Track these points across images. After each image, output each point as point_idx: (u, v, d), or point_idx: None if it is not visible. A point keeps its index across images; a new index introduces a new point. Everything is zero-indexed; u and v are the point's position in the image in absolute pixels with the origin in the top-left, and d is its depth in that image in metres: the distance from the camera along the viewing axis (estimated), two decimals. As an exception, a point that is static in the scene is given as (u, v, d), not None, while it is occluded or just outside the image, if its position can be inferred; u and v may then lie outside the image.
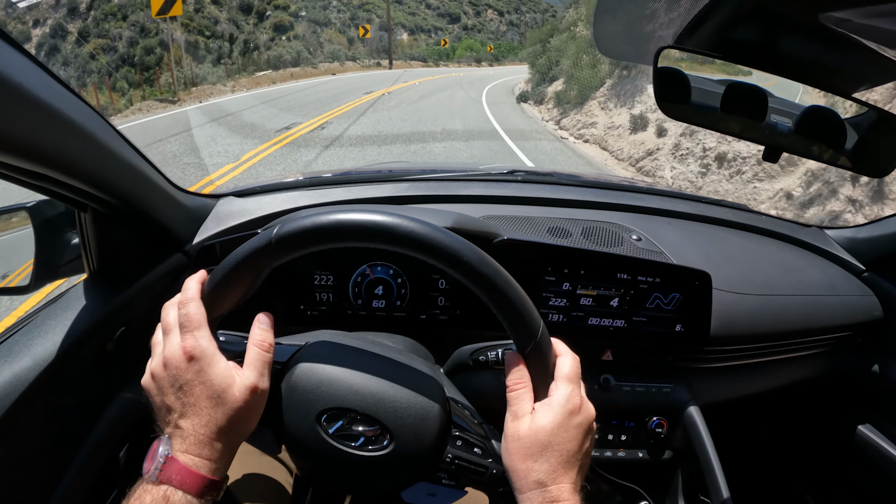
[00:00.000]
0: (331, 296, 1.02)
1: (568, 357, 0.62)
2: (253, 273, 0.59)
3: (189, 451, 0.53)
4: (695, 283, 1.02)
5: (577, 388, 0.61)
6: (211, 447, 0.54)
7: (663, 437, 1.06)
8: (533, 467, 0.56)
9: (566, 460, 0.57)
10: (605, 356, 1.07)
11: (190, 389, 0.55)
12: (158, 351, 0.59)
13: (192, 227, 1.05)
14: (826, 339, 1.20)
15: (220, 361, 0.56)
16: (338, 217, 0.56)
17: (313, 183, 1.29)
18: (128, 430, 0.90)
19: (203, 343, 0.56)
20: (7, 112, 0.55)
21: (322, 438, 0.60)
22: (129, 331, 0.91)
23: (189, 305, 0.58)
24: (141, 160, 0.85)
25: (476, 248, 0.58)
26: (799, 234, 1.36)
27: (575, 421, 0.58)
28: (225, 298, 0.60)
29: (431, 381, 0.65)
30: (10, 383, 0.71)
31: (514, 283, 0.59)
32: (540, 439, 0.57)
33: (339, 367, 0.62)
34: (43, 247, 0.93)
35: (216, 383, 0.55)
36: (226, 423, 0.55)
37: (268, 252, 0.57)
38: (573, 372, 0.61)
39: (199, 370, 0.55)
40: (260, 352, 0.59)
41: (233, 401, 0.55)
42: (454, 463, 0.62)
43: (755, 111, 0.85)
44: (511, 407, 0.60)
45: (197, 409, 0.55)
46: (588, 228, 1.15)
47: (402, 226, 0.56)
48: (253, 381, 0.57)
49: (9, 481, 0.72)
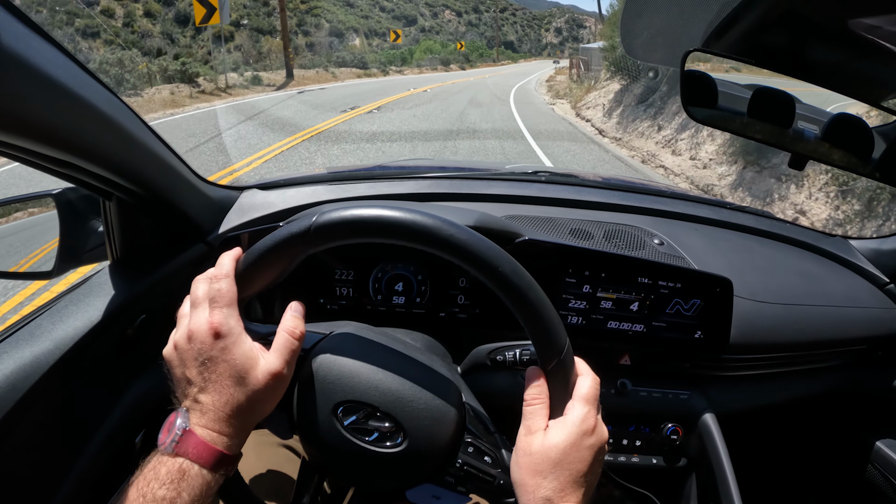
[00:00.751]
0: (351, 290, 1.03)
1: (588, 378, 0.62)
2: (287, 258, 0.59)
3: (207, 425, 0.54)
4: (716, 290, 1.00)
5: (593, 409, 0.60)
6: (228, 424, 0.55)
7: (678, 444, 1.05)
8: (542, 484, 0.56)
9: (575, 480, 0.57)
10: (623, 360, 1.06)
11: (213, 365, 0.55)
12: (184, 323, 0.59)
13: (216, 218, 1.06)
14: (846, 351, 1.18)
15: (245, 341, 0.57)
16: (378, 213, 0.56)
17: (336, 178, 1.29)
18: (144, 417, 0.91)
19: (231, 321, 0.57)
20: (35, 101, 0.57)
21: (336, 430, 0.60)
22: (149, 318, 0.92)
23: (222, 282, 0.59)
24: (166, 150, 0.86)
25: (511, 259, 0.58)
26: (822, 243, 1.34)
27: (588, 442, 0.58)
28: (257, 279, 0.60)
29: (451, 384, 0.65)
30: (30, 365, 0.72)
31: (545, 297, 0.58)
32: (551, 457, 0.56)
33: (361, 360, 0.62)
34: (67, 233, 0.95)
35: (240, 363, 0.55)
36: (245, 402, 0.55)
37: (305, 238, 0.57)
38: (591, 393, 0.61)
39: (225, 347, 0.55)
40: (289, 339, 0.59)
41: (255, 382, 0.55)
42: (463, 469, 0.62)
43: (782, 117, 0.84)
44: (525, 421, 0.60)
45: (218, 386, 0.55)
46: (610, 231, 1.15)
47: (442, 229, 0.56)
48: (277, 366, 0.57)
49: (25, 461, 0.73)
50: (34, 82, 0.56)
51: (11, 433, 0.70)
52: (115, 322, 0.85)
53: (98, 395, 0.86)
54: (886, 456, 1.22)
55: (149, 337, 0.93)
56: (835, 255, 1.31)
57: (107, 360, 0.86)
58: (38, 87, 0.56)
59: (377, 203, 0.58)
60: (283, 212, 1.11)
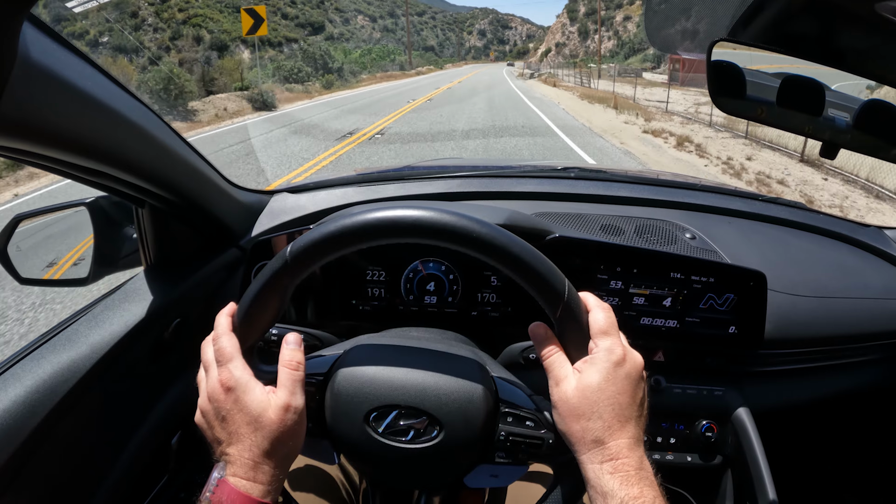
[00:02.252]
0: (383, 291, 1.03)
1: (599, 310, 0.61)
2: (278, 294, 0.60)
3: (237, 474, 0.55)
4: (749, 284, 0.99)
5: (616, 338, 0.59)
6: (258, 469, 0.56)
7: (713, 441, 1.03)
8: (587, 427, 0.55)
9: (619, 413, 0.55)
10: (657, 357, 1.05)
11: (231, 418, 0.57)
12: (203, 388, 0.62)
13: (247, 223, 1.07)
14: (885, 344, 1.15)
15: (254, 388, 0.58)
16: (342, 223, 0.57)
17: (366, 179, 1.31)
18: (180, 419, 0.93)
19: (237, 373, 0.58)
20: (66, 113, 0.58)
21: (373, 438, 0.60)
22: (184, 322, 0.93)
23: (221, 340, 0.60)
24: (197, 158, 0.88)
25: (487, 222, 0.57)
26: (857, 234, 1.31)
27: (622, 372, 0.57)
28: (256, 324, 0.61)
29: (472, 363, 0.65)
30: (68, 369, 0.74)
31: (531, 249, 0.58)
32: (588, 397, 0.55)
33: (377, 366, 0.63)
34: (102, 240, 0.97)
35: (252, 409, 0.57)
36: (268, 445, 0.56)
37: (286, 271, 0.58)
38: (608, 323, 0.60)
39: (236, 399, 0.57)
40: (290, 371, 0.60)
41: (269, 423, 0.57)
42: (508, 440, 0.61)
43: (812, 105, 0.82)
44: (550, 374, 0.59)
45: (239, 436, 0.57)
46: (641, 226, 1.14)
47: (406, 217, 0.57)
48: (285, 400, 0.58)
49: (66, 462, 0.75)
50: (65, 95, 0.57)
51: (51, 436, 0.71)
52: (151, 326, 0.87)
53: (135, 398, 0.87)
54: None
55: (184, 341, 0.94)
56: (870, 246, 1.28)
57: (143, 363, 0.88)
58: (68, 100, 0.58)
59: (340, 214, 0.59)
60: (314, 214, 1.12)
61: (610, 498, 0.52)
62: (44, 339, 0.79)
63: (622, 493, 0.52)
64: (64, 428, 0.74)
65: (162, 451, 0.92)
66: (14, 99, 0.49)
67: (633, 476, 0.53)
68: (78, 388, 0.74)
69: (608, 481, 0.53)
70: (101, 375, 0.78)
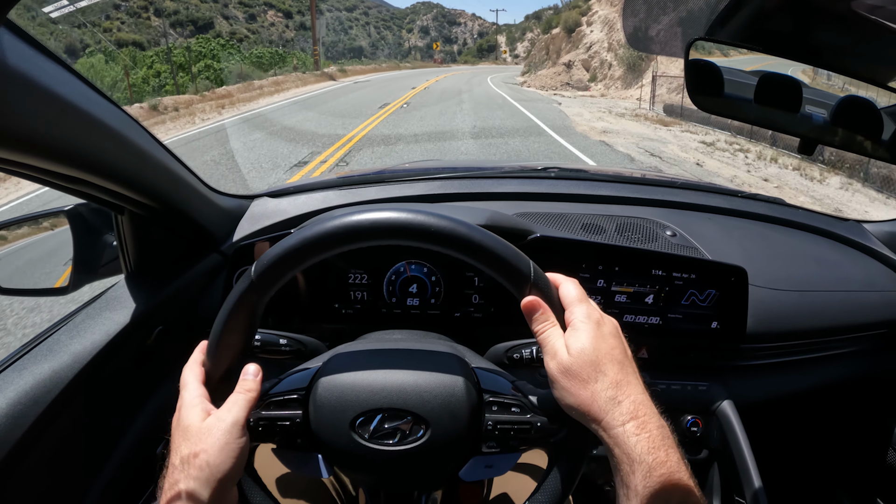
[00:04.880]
0: (365, 294, 1.03)
1: (567, 282, 0.62)
2: (246, 315, 0.60)
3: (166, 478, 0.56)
4: (731, 280, 1.00)
5: (589, 304, 0.60)
6: (173, 476, 0.56)
7: (699, 435, 1.05)
8: (596, 389, 0.54)
9: (621, 368, 0.56)
10: (641, 354, 1.06)
11: (173, 434, 0.59)
12: None
13: (228, 228, 1.07)
14: (865, 336, 1.17)
15: (196, 406, 0.59)
16: (303, 236, 0.57)
17: (346, 182, 1.30)
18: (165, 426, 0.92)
19: (186, 397, 0.60)
20: (43, 119, 0.57)
21: (361, 445, 0.60)
22: (167, 329, 0.92)
23: (185, 368, 0.62)
24: (176, 163, 0.87)
25: (443, 214, 0.58)
26: (836, 228, 1.33)
27: (606, 330, 0.58)
28: (228, 351, 0.61)
29: (450, 357, 0.65)
30: (50, 379, 0.73)
31: (491, 234, 0.58)
32: (588, 359, 0.55)
33: (356, 372, 0.62)
34: (81, 249, 0.95)
35: (186, 421, 0.58)
36: (186, 451, 0.56)
37: (253, 289, 0.58)
38: (578, 292, 0.61)
39: (179, 418, 0.59)
40: (236, 394, 0.60)
41: (195, 432, 0.57)
42: (497, 429, 0.61)
43: (790, 102, 0.83)
44: (545, 348, 0.59)
45: (175, 449, 0.57)
46: (622, 224, 1.14)
47: (365, 220, 0.57)
48: (217, 413, 0.58)
49: (51, 473, 0.74)
50: (41, 101, 0.56)
51: (35, 447, 0.71)
52: (133, 334, 0.86)
53: (119, 406, 0.87)
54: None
55: (166, 348, 0.94)
56: (849, 240, 1.30)
57: (126, 372, 0.87)
58: (45, 106, 0.57)
59: (306, 225, 0.60)
60: (295, 218, 1.11)
61: (637, 464, 0.50)
62: (25, 350, 0.78)
63: (650, 458, 0.51)
64: (47, 439, 0.73)
65: (147, 460, 0.91)
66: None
67: (658, 437, 0.52)
68: (61, 398, 0.73)
69: (635, 444, 0.51)
70: (83, 385, 0.77)
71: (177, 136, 11.19)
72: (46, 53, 0.59)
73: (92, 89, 0.66)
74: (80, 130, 0.64)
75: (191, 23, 71.03)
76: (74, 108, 0.62)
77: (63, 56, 0.62)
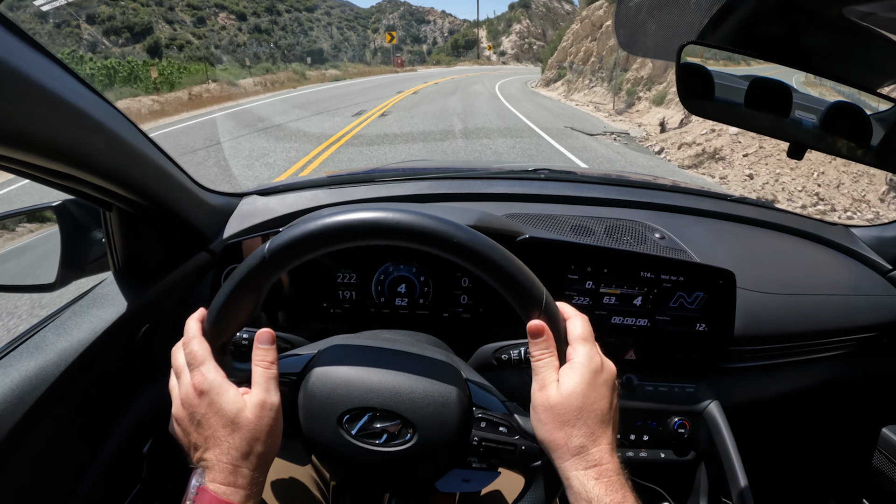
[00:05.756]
0: (354, 294, 1.03)
1: (577, 318, 0.62)
2: (253, 293, 0.59)
3: (217, 479, 0.54)
4: (719, 282, 1.01)
5: (593, 346, 0.60)
6: (237, 473, 0.55)
7: (686, 437, 1.05)
8: (571, 433, 0.55)
9: (601, 420, 0.56)
10: (629, 355, 1.06)
11: (206, 422, 0.56)
12: (175, 394, 0.60)
13: (217, 226, 1.06)
14: (852, 339, 1.18)
15: (228, 389, 0.57)
16: (325, 222, 0.57)
17: (336, 181, 1.30)
18: (152, 426, 0.92)
19: (210, 376, 0.57)
20: (31, 113, 0.57)
21: (346, 441, 0.60)
22: (154, 328, 0.92)
23: (191, 344, 0.59)
24: (165, 159, 0.86)
25: (466, 228, 0.58)
26: (824, 232, 1.34)
27: (601, 379, 0.58)
28: (229, 323, 0.60)
29: (446, 366, 0.65)
30: (36, 378, 0.72)
31: (510, 255, 0.58)
32: (573, 403, 0.56)
33: (352, 367, 0.62)
34: (69, 245, 0.95)
35: (227, 410, 0.56)
36: (246, 446, 0.55)
37: (262, 268, 0.58)
38: (586, 332, 0.60)
39: (210, 402, 0.56)
40: (262, 370, 0.59)
41: (246, 423, 0.56)
42: (482, 445, 0.61)
43: (779, 107, 0.84)
44: (537, 376, 0.59)
45: (216, 440, 0.56)
46: (611, 226, 1.15)
47: (389, 220, 0.56)
48: (260, 397, 0.57)
49: (37, 472, 0.74)
50: (30, 95, 0.56)
51: (20, 446, 0.70)
52: (120, 332, 0.85)
53: (106, 405, 0.86)
54: (893, 441, 1.22)
55: (154, 346, 0.93)
56: (837, 244, 1.31)
57: (113, 370, 0.86)
58: (33, 100, 0.56)
59: (324, 212, 0.58)
60: (284, 217, 1.11)
61: (596, 503, 0.53)
62: (10, 348, 0.77)
63: (607, 498, 0.53)
64: (33, 437, 0.72)
65: (134, 459, 0.91)
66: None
67: (616, 481, 0.54)
68: (46, 396, 0.72)
69: (593, 487, 0.53)
70: (69, 383, 0.76)
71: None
72: (35, 46, 0.58)
73: (81, 84, 0.66)
74: (69, 125, 0.63)
75: (126, 29, 65.02)
76: (63, 102, 0.61)
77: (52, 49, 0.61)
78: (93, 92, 0.68)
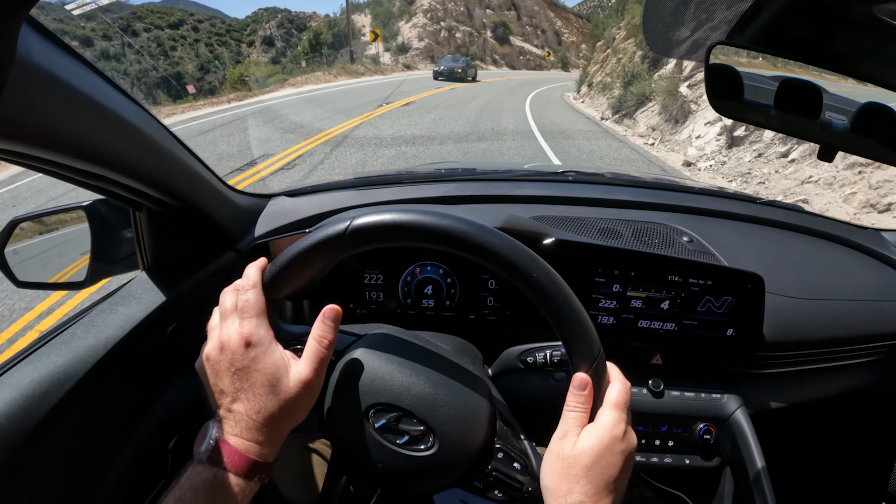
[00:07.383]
0: (380, 294, 1.03)
1: (619, 383, 0.62)
2: (321, 261, 0.59)
3: (240, 434, 0.55)
4: (747, 287, 0.99)
5: (623, 415, 0.60)
6: (261, 432, 0.55)
7: (711, 443, 1.04)
8: (573, 488, 0.56)
9: (606, 485, 0.56)
10: (655, 360, 1.05)
11: (245, 375, 0.56)
12: (215, 335, 0.60)
13: (245, 226, 1.07)
14: (882, 346, 1.16)
15: (275, 350, 0.57)
16: (415, 217, 0.56)
17: (363, 183, 1.30)
18: (176, 423, 0.93)
19: (261, 331, 0.57)
20: (64, 115, 0.58)
21: (367, 432, 0.60)
22: (180, 327, 0.93)
23: (249, 292, 0.59)
24: (194, 160, 0.87)
25: (545, 264, 0.57)
26: (855, 236, 1.32)
27: (619, 448, 0.58)
28: (286, 285, 0.60)
29: (483, 391, 0.65)
30: (64, 373, 0.74)
31: (579, 304, 0.58)
32: (584, 462, 0.56)
33: (394, 364, 0.62)
34: (99, 244, 0.96)
35: (271, 371, 0.56)
36: (277, 410, 0.55)
37: (340, 241, 0.57)
38: (622, 399, 0.61)
39: (256, 357, 0.56)
40: (319, 348, 0.59)
41: (286, 391, 0.56)
42: (492, 474, 0.62)
43: (809, 108, 0.83)
44: (563, 425, 0.60)
45: (250, 395, 0.55)
46: (639, 229, 1.14)
47: (477, 235, 0.56)
48: (306, 375, 0.57)
49: (62, 467, 0.75)
50: (62, 98, 0.57)
51: (47, 440, 0.71)
52: (148, 330, 0.86)
53: (131, 402, 0.87)
54: None
55: (180, 345, 0.94)
56: (867, 248, 1.29)
57: (139, 367, 0.87)
58: (66, 103, 0.58)
59: (411, 207, 0.58)
60: (311, 218, 1.12)
61: None
62: (40, 343, 0.78)
63: None
64: (60, 432, 0.73)
65: (159, 456, 0.92)
66: (11, 101, 0.49)
67: None
68: (74, 391, 0.74)
69: None
70: (97, 379, 0.78)
71: None
72: (68, 50, 0.60)
73: (112, 86, 0.67)
74: (101, 127, 0.64)
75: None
76: (95, 104, 0.62)
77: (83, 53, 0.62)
78: (123, 94, 0.69)
